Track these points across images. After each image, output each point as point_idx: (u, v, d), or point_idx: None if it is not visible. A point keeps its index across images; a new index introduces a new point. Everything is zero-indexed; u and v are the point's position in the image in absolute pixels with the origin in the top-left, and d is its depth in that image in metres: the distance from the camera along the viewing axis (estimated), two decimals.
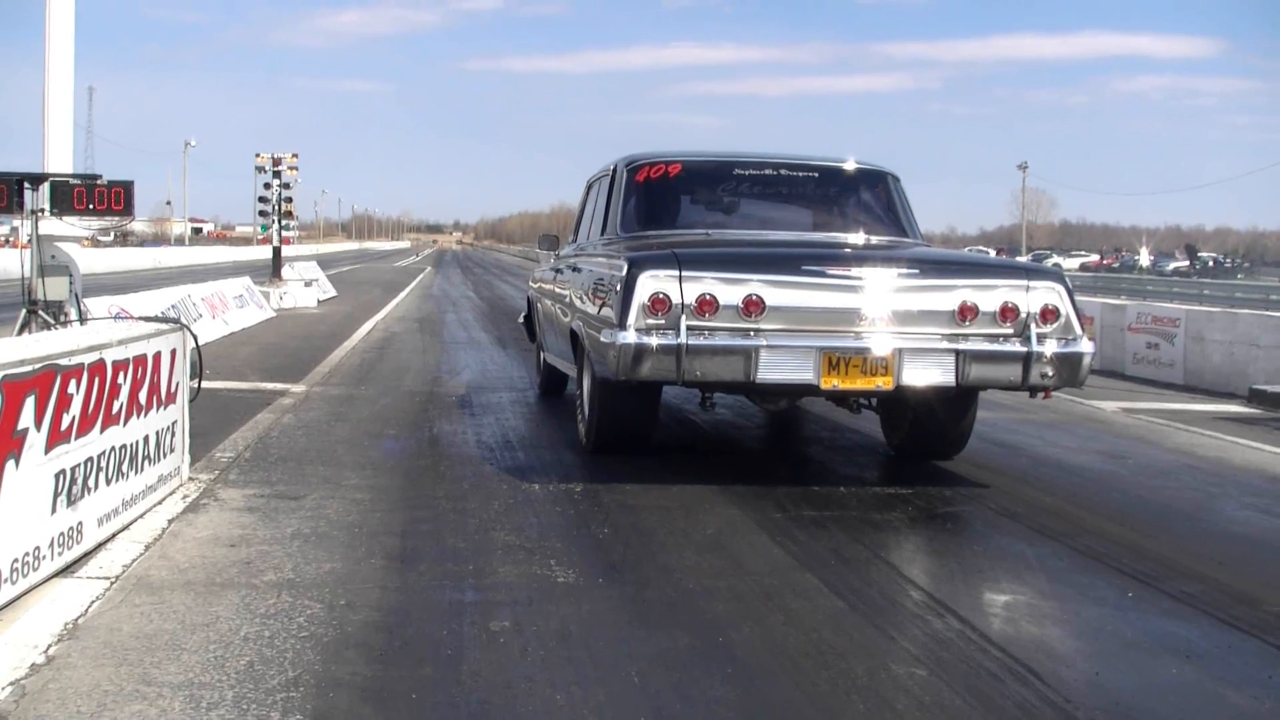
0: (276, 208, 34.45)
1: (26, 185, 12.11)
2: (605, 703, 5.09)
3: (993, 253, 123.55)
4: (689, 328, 8.75)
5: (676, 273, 8.87)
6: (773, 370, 8.81)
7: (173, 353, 8.71)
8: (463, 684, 5.25)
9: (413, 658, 5.53)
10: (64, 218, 12.48)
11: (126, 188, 12.29)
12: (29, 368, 6.16)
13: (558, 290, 12.26)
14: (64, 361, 6.60)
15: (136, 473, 7.85)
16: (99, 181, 12.32)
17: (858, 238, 10.74)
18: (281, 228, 34.69)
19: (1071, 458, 11.68)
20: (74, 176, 12.50)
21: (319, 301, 33.63)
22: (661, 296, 8.80)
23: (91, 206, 12.24)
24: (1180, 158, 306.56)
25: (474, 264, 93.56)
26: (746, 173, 11.33)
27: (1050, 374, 9.15)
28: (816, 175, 11.53)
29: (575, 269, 11.28)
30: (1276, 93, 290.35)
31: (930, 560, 7.77)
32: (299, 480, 9.38)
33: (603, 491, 9.24)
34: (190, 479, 9.14)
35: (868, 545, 7.89)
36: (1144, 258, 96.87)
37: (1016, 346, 9.11)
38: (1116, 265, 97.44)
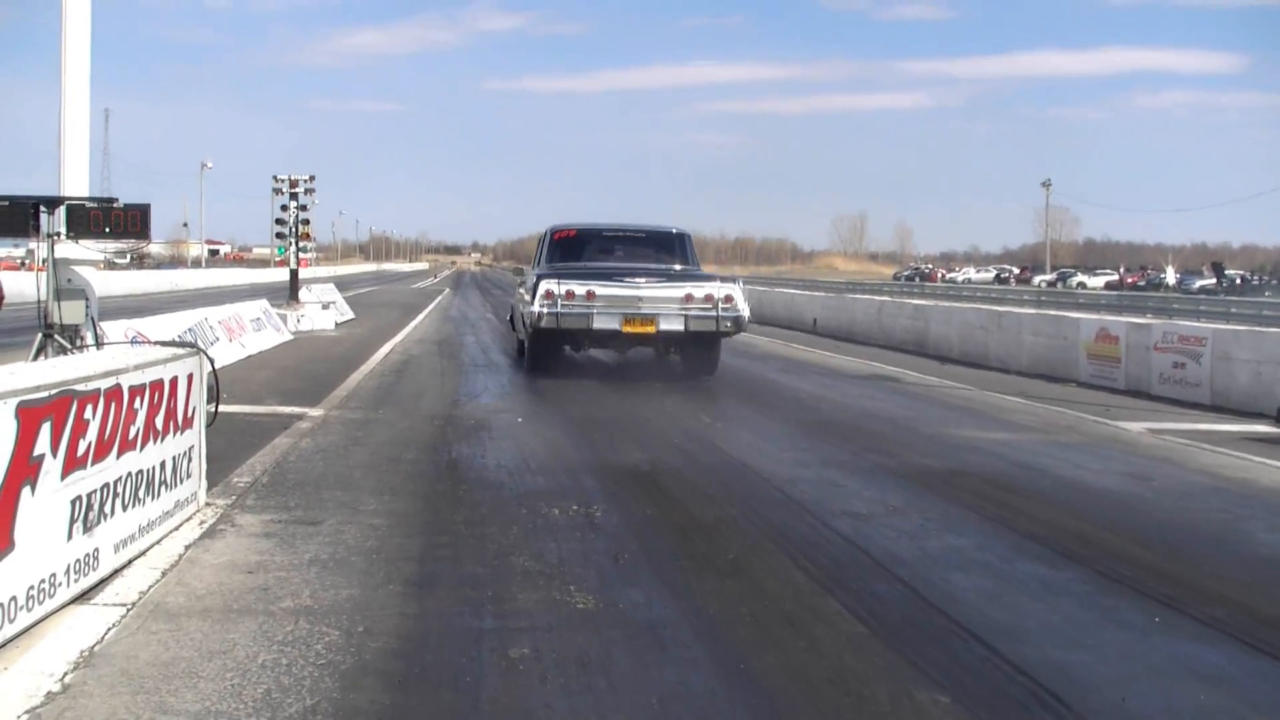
0: (294, 229, 34.58)
1: (43, 209, 12.15)
2: None
3: (1016, 271, 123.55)
4: (562, 304, 18.24)
5: (557, 282, 18.36)
6: (599, 323, 18.28)
7: (189, 377, 8.73)
8: (482, 711, 5.25)
9: (432, 685, 5.54)
10: (80, 241, 12.53)
11: (143, 211, 12.33)
12: (45, 393, 6.18)
13: (519, 296, 21.89)
14: (80, 387, 6.62)
15: (153, 498, 7.87)
16: (115, 205, 12.36)
17: (655, 265, 20.01)
18: (299, 250, 34.82)
19: (1096, 479, 11.64)
20: (90, 200, 12.53)
21: (336, 324, 33.67)
22: (550, 291, 18.31)
23: (108, 230, 12.27)
24: (1206, 174, 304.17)
25: (492, 285, 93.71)
26: (609, 234, 21.28)
27: (729, 327, 18.74)
28: (644, 234, 21.41)
29: (523, 283, 21.06)
30: None
31: (952, 583, 7.75)
32: (316, 505, 9.40)
33: (623, 515, 9.25)
34: (207, 504, 9.16)
35: (888, 568, 7.87)
36: (1170, 276, 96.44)
37: (710, 312, 18.53)
38: (1142, 283, 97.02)
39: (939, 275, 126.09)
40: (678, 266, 20.06)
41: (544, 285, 18.28)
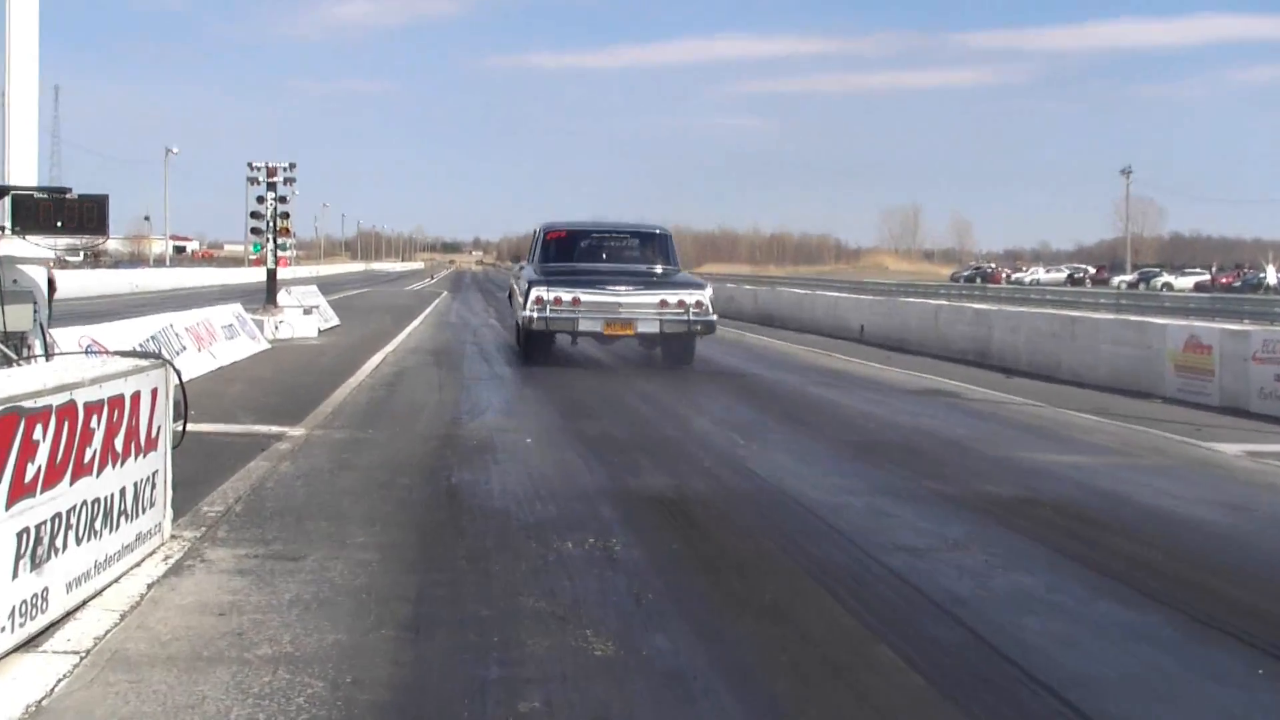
0: (271, 224, 34.51)
1: None
2: None
3: (1092, 271, 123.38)
4: (551, 309, 23.33)
5: (547, 289, 23.47)
6: (584, 325, 23.57)
7: (153, 392, 8.72)
8: None
9: None
10: (28, 236, 12.51)
11: (100, 203, 12.31)
12: None
13: (514, 286, 28.95)
14: (29, 404, 6.61)
15: (111, 530, 7.86)
16: (68, 195, 12.34)
17: (639, 267, 25.44)
18: (277, 247, 34.76)
19: (1186, 509, 11.58)
20: (40, 190, 12.52)
21: (320, 331, 33.70)
22: (540, 297, 23.39)
23: (60, 224, 12.24)
24: None
25: (497, 287, 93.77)
26: (598, 233, 26.58)
27: (700, 329, 23.76)
28: (629, 234, 26.79)
29: (519, 278, 27.07)
30: None
31: (1021, 628, 7.70)
32: (298, 538, 9.39)
33: (646, 549, 9.24)
34: (173, 537, 9.15)
35: (948, 610, 7.83)
36: (1271, 275, 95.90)
37: (683, 316, 23.43)
38: (1237, 284, 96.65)
39: (1003, 276, 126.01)
40: (659, 267, 25.83)
41: (535, 292, 23.74)
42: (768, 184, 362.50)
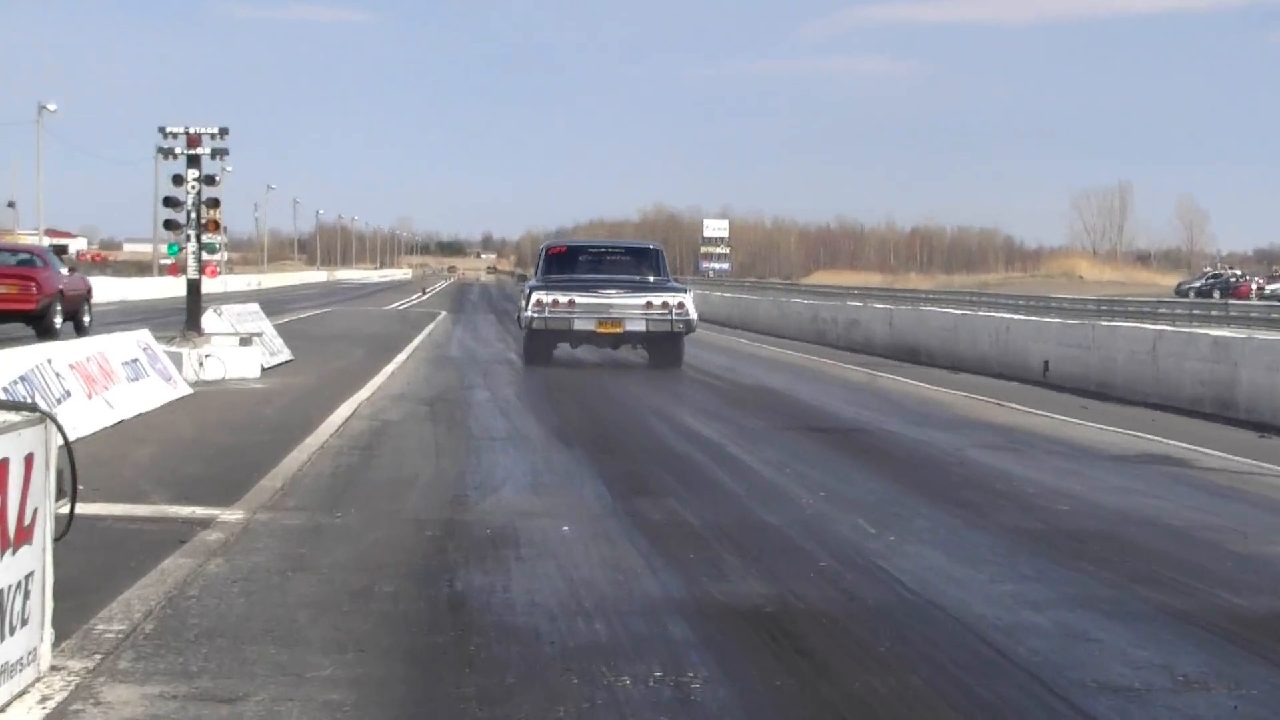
0: (194, 215, 34.68)
1: None
2: None
3: None
4: (549, 310, 40.11)
5: (545, 292, 40.33)
6: (578, 324, 40.03)
7: (26, 459, 8.72)
8: None
9: None
10: None
11: None
12: None
13: (521, 295, 44.12)
14: None
15: None
16: None
17: (630, 277, 41.64)
18: (202, 248, 34.88)
19: None
20: None
21: (264, 369, 33.74)
22: (540, 300, 40.10)
23: None
24: None
25: (515, 306, 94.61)
26: (595, 248, 49.29)
27: (681, 328, 40.46)
28: (624, 249, 47.71)
29: (522, 289, 45.98)
30: None
31: None
32: (235, 670, 9.39)
33: (736, 687, 9.23)
34: (54, 669, 9.15)
35: None
36: None
37: (666, 315, 39.98)
38: None
39: (1252, 288, 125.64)
40: (651, 278, 40.52)
41: (535, 295, 38.38)
42: (906, 156, 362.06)
